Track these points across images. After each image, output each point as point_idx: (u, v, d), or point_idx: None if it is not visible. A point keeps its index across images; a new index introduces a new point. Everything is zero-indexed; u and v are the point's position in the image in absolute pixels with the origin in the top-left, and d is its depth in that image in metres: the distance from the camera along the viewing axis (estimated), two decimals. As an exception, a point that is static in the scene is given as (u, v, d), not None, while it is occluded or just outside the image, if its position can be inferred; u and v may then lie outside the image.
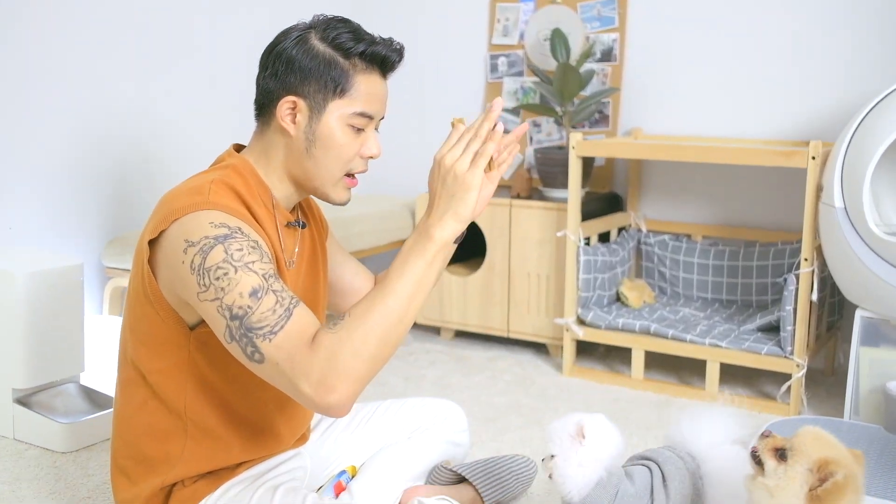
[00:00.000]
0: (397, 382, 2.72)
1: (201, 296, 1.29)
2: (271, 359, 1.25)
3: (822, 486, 1.19)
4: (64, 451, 2.11)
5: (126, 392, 1.49)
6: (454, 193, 1.32)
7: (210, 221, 1.32)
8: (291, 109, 1.45)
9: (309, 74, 1.43)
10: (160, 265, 1.37)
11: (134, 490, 1.48)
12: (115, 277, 2.60)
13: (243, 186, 1.43)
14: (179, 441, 1.45)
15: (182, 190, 1.41)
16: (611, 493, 1.45)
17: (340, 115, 1.44)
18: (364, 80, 1.44)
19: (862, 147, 2.17)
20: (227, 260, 1.28)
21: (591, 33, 3.15)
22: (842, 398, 2.54)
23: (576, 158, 2.71)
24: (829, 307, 2.70)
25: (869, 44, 2.73)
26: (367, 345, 1.26)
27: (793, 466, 1.22)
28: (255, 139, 1.53)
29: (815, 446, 1.24)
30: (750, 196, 2.97)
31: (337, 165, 1.47)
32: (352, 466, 1.78)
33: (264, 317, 1.26)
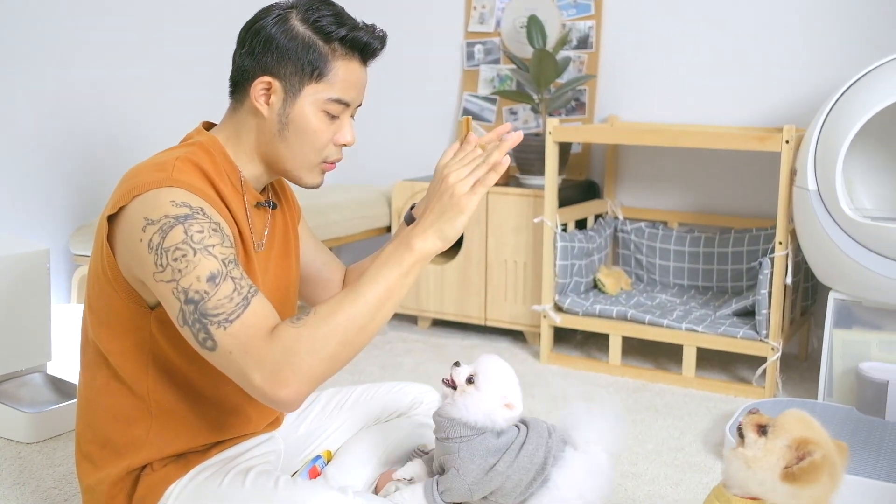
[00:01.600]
0: (373, 370, 2.70)
1: (157, 276, 1.25)
2: (224, 347, 1.22)
3: (798, 464, 1.18)
4: (29, 442, 2.06)
5: (88, 375, 1.46)
6: (445, 212, 1.29)
7: (171, 200, 1.28)
8: (266, 90, 1.41)
9: (286, 55, 1.39)
10: (118, 242, 1.34)
11: (99, 475, 1.44)
12: (84, 265, 2.55)
13: (210, 164, 1.40)
14: (144, 423, 1.42)
15: (146, 166, 1.37)
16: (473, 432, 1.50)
17: (315, 99, 1.41)
18: (343, 65, 1.41)
19: (834, 131, 2.18)
20: (187, 241, 1.25)
21: (568, 20, 3.14)
22: (816, 381, 2.55)
23: (553, 144, 2.70)
24: (803, 292, 2.71)
25: (840, 31, 2.74)
26: (327, 345, 1.22)
27: (772, 440, 1.22)
28: (227, 117, 1.50)
29: (798, 426, 1.24)
30: (725, 183, 2.97)
31: (310, 151, 1.43)
32: (327, 451, 1.76)
33: (220, 304, 1.23)
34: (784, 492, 1.20)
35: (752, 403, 2.22)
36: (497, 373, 1.54)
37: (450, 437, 1.51)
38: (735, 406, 2.40)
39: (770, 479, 1.21)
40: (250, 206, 1.47)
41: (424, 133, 3.46)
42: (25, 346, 2.17)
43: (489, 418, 1.50)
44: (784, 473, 1.20)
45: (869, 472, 1.80)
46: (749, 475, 1.22)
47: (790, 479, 1.20)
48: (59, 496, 1.81)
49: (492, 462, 1.50)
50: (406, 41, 3.41)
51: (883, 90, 2.12)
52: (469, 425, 1.50)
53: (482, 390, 1.51)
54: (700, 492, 1.90)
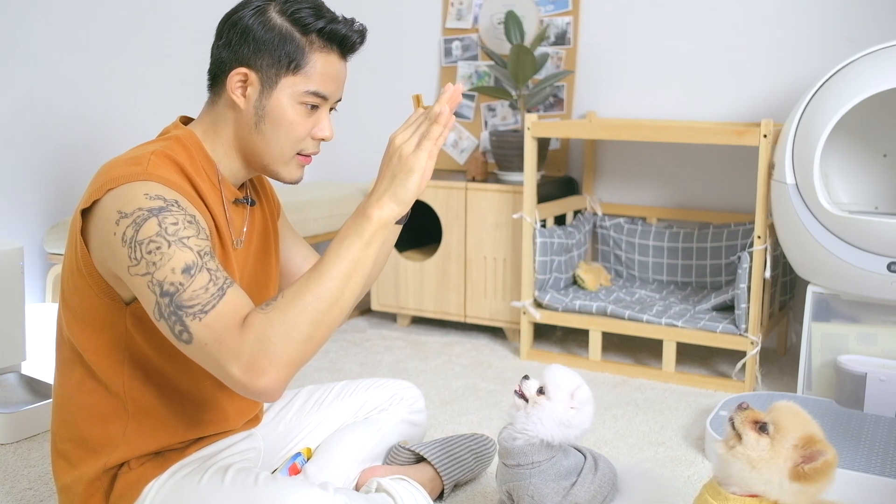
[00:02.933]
0: (353, 368, 2.68)
1: (132, 270, 1.23)
2: (199, 339, 1.19)
3: (810, 464, 1.19)
4: (4, 443, 2.02)
5: (63, 372, 1.43)
6: (396, 174, 1.28)
7: (145, 193, 1.26)
8: (242, 82, 1.40)
9: (263, 47, 1.38)
10: (92, 236, 1.31)
11: (74, 474, 1.42)
12: (58, 264, 2.51)
13: (186, 159, 1.38)
14: (121, 421, 1.40)
15: (120, 160, 1.35)
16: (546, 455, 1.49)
17: (293, 92, 1.39)
18: (321, 58, 1.40)
19: (812, 124, 2.19)
20: (161, 234, 1.22)
21: (545, 16, 3.14)
22: (795, 375, 2.57)
23: (531, 139, 2.70)
24: (782, 286, 2.73)
25: (816, 26, 2.76)
26: (299, 327, 1.20)
27: (779, 441, 1.21)
28: (204, 111, 1.48)
29: (796, 422, 1.23)
30: (703, 179, 2.99)
31: (286, 144, 1.42)
32: (307, 448, 1.74)
33: (196, 295, 1.20)
34: (791, 489, 1.20)
35: (735, 397, 2.23)
36: (563, 378, 1.53)
37: (521, 464, 1.50)
38: (715, 400, 2.41)
39: (777, 479, 1.21)
40: (228, 202, 1.45)
41: (403, 130, 3.44)
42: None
43: (563, 426, 1.49)
44: (794, 473, 1.20)
45: (849, 464, 1.81)
46: (755, 475, 1.22)
47: (801, 479, 1.20)
48: (34, 497, 1.78)
49: (566, 485, 1.50)
50: (383, 38, 3.39)
51: (859, 84, 2.13)
52: (545, 443, 1.49)
53: (553, 399, 1.50)
54: (681, 484, 1.90)
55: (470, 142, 3.32)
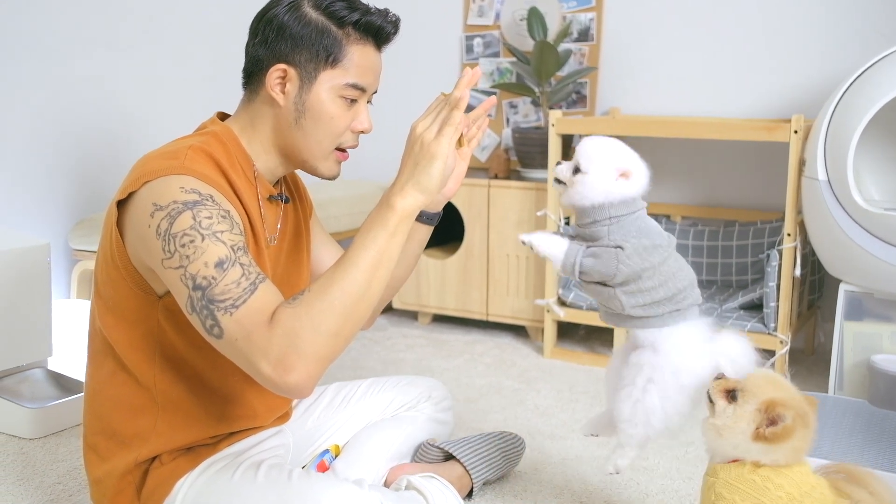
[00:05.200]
0: (375, 365, 2.67)
1: (165, 262, 1.23)
2: (230, 334, 1.18)
3: (770, 428, 1.19)
4: (32, 438, 2.02)
5: (94, 364, 1.43)
6: (418, 162, 1.27)
7: (181, 186, 1.26)
8: (281, 78, 1.39)
9: (300, 42, 1.37)
10: (128, 228, 1.31)
11: (105, 467, 1.41)
12: (84, 260, 2.51)
13: (223, 154, 1.37)
14: (151, 415, 1.39)
15: (157, 153, 1.35)
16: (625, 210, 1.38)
17: (332, 85, 1.39)
18: (357, 50, 1.40)
19: (845, 119, 2.16)
20: (195, 227, 1.22)
21: (568, 13, 3.12)
22: (824, 375, 2.54)
23: (555, 136, 2.67)
24: (810, 285, 2.69)
25: (846, 19, 2.73)
26: (327, 321, 1.17)
27: (742, 406, 1.22)
28: (241, 108, 1.47)
29: (766, 388, 1.23)
30: (729, 176, 2.96)
31: (327, 138, 1.42)
32: (335, 445, 1.73)
33: (228, 289, 1.19)
34: (758, 450, 1.21)
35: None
36: (598, 148, 1.42)
37: (597, 219, 1.38)
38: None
39: (743, 442, 1.22)
40: (263, 199, 1.44)
41: (424, 127, 3.42)
42: (26, 342, 2.12)
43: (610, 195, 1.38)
44: (755, 435, 1.21)
45: (887, 466, 1.78)
46: (723, 442, 1.23)
47: (761, 441, 1.21)
48: (63, 492, 1.77)
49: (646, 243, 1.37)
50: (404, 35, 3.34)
51: (892, 79, 2.10)
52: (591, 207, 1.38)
53: (591, 172, 1.39)
54: (713, 485, 1.88)
55: (492, 139, 3.30)
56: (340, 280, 1.21)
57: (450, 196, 1.51)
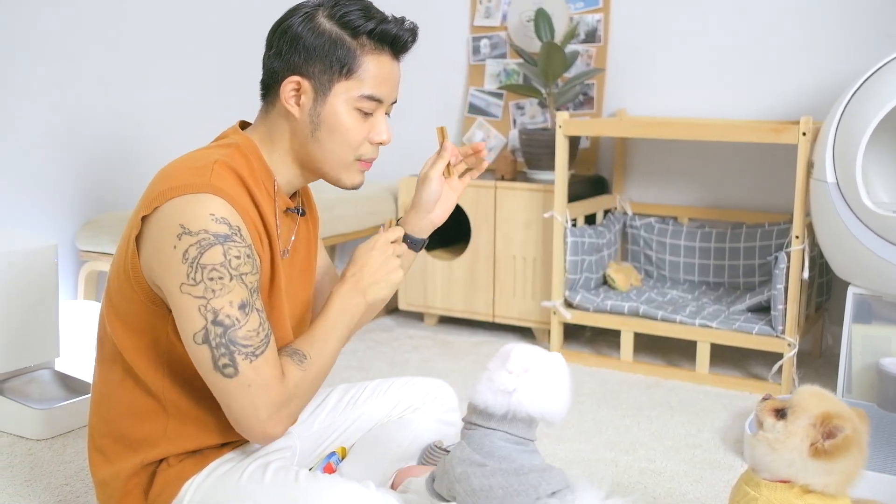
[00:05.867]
0: (381, 367, 2.67)
1: (185, 287, 1.24)
2: (245, 379, 1.25)
3: (830, 441, 1.17)
4: (39, 439, 2.03)
5: (104, 368, 1.42)
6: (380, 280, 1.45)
7: (211, 213, 1.26)
8: (296, 91, 1.38)
9: (314, 53, 1.36)
10: (146, 242, 1.30)
11: (111, 469, 1.41)
12: (91, 261, 2.51)
13: (246, 169, 1.37)
14: (161, 421, 1.39)
15: (183, 166, 1.33)
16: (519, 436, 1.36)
17: (347, 97, 1.38)
18: (373, 60, 1.38)
19: (854, 121, 2.15)
20: (225, 265, 1.25)
21: (575, 14, 3.12)
22: (831, 378, 2.53)
23: (563, 138, 2.67)
24: (818, 288, 2.69)
25: (856, 21, 2.72)
26: (315, 388, 1.36)
27: (793, 422, 1.20)
28: (260, 120, 1.46)
29: (815, 402, 1.22)
30: (736, 177, 2.95)
31: (344, 150, 1.41)
32: (341, 448, 1.73)
33: (250, 336, 1.25)
34: (815, 469, 1.18)
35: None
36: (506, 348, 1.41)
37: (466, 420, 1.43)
38: (751, 403, 2.38)
39: (799, 459, 1.19)
40: (280, 210, 1.44)
41: (430, 129, 3.40)
42: (33, 342, 2.13)
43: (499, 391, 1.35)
44: (813, 450, 1.18)
45: (892, 469, 1.77)
46: (776, 458, 1.21)
47: (821, 456, 1.18)
48: (70, 493, 1.78)
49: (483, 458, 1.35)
50: (412, 35, 3.37)
51: (902, 82, 2.09)
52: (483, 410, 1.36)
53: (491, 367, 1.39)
54: (721, 489, 1.87)
55: (498, 140, 3.29)
56: (327, 352, 1.37)
57: (437, 223, 1.58)
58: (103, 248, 2.46)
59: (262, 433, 1.29)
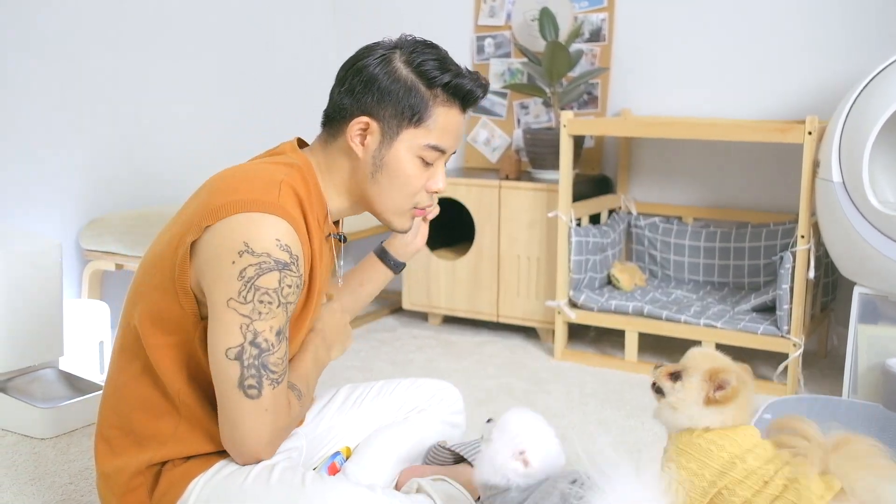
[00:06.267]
0: (384, 367, 2.66)
1: (233, 303, 1.26)
2: (265, 402, 1.29)
3: (720, 392, 1.33)
4: (43, 438, 2.02)
5: (123, 359, 1.41)
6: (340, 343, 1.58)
7: (277, 238, 1.27)
8: (362, 131, 1.39)
9: (387, 97, 1.37)
10: (203, 248, 1.30)
11: (117, 462, 1.40)
12: (95, 260, 2.51)
13: (305, 195, 1.38)
14: (172, 421, 1.38)
15: (246, 179, 1.33)
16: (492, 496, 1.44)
17: (412, 145, 1.39)
18: (443, 112, 1.39)
19: (860, 120, 2.15)
20: (278, 291, 1.28)
21: (580, 13, 3.11)
22: (837, 379, 2.52)
23: (567, 137, 2.66)
24: (823, 287, 2.68)
25: (861, 19, 2.71)
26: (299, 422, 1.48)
27: (688, 381, 1.37)
28: (319, 146, 1.47)
29: (704, 360, 1.39)
30: (741, 177, 2.94)
31: (401, 196, 1.43)
32: (346, 448, 1.73)
33: (278, 362, 1.29)
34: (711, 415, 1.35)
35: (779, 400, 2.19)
36: (514, 424, 1.46)
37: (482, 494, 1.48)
38: (756, 403, 2.37)
39: (697, 411, 1.36)
40: (323, 236, 1.46)
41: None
42: (37, 341, 2.12)
43: (500, 474, 1.42)
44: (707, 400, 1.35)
45: (900, 469, 1.76)
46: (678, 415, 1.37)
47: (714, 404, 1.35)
48: (74, 491, 1.78)
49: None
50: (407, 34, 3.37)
51: (909, 81, 2.08)
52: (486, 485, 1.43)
53: (494, 442, 1.44)
54: (726, 488, 1.86)
55: (503, 140, 3.29)
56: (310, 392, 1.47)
57: (419, 248, 1.72)
58: (107, 248, 2.46)
59: (256, 455, 1.33)
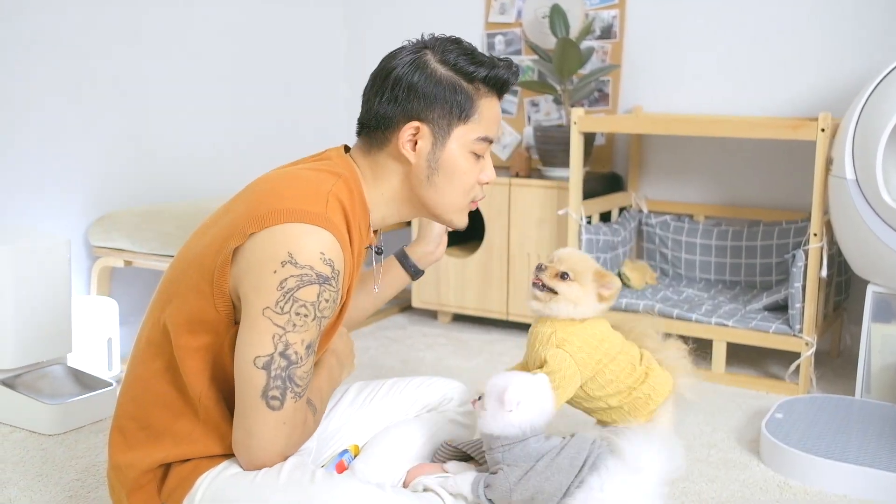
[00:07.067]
0: (394, 364, 2.66)
1: (268, 312, 1.25)
2: (285, 415, 1.28)
3: (609, 291, 1.76)
4: (51, 434, 2.03)
5: (147, 354, 1.40)
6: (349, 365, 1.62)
7: (322, 251, 1.27)
8: (413, 135, 1.40)
9: (433, 100, 1.38)
10: (245, 254, 1.28)
11: (129, 456, 1.39)
12: (103, 257, 2.51)
13: (350, 207, 1.38)
14: (189, 422, 1.37)
15: (293, 186, 1.33)
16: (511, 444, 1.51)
17: (464, 141, 1.41)
18: (486, 103, 1.42)
19: (874, 117, 2.12)
20: (315, 304, 1.27)
21: (591, 10, 3.09)
22: (849, 378, 2.50)
23: (577, 134, 2.65)
24: (836, 286, 2.65)
25: (875, 15, 2.68)
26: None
27: (583, 281, 1.74)
28: (361, 155, 1.46)
29: (584, 262, 1.77)
30: (753, 175, 2.91)
31: (460, 193, 1.45)
32: (354, 445, 1.71)
33: (304, 376, 1.29)
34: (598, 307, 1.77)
35: (791, 399, 2.17)
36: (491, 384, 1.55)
37: (492, 447, 1.53)
38: (767, 402, 2.35)
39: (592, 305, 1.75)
40: (363, 248, 1.46)
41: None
42: (46, 338, 2.13)
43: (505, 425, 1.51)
44: (599, 298, 1.76)
45: (914, 469, 1.74)
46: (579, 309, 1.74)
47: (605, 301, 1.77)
48: (82, 488, 1.78)
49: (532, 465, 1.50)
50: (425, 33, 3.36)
51: (924, 77, 2.06)
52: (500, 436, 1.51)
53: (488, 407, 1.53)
54: (737, 488, 1.85)
55: (513, 137, 3.27)
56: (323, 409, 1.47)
57: (438, 259, 1.78)
58: (116, 245, 2.46)
59: (264, 464, 1.32)
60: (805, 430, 1.97)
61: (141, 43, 2.70)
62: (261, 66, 3.15)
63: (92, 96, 2.57)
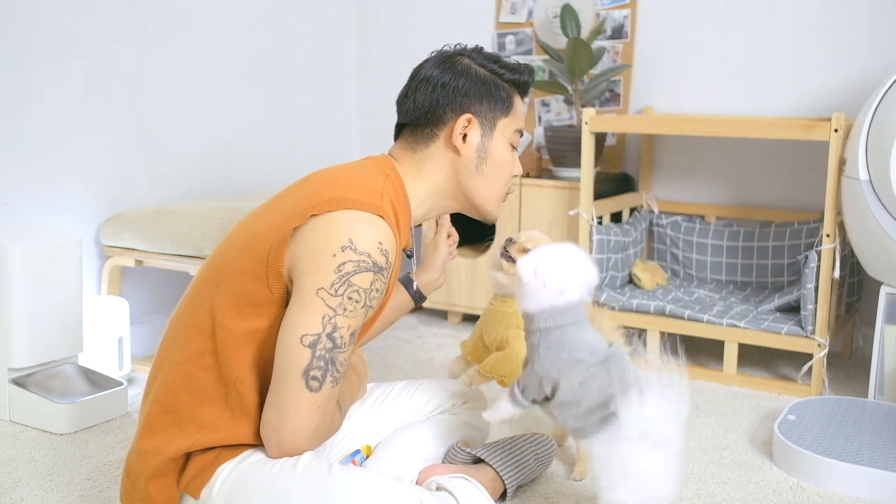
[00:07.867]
0: (404, 365, 2.65)
1: (322, 293, 1.29)
2: (321, 399, 1.30)
3: None
4: (62, 433, 2.03)
5: (185, 337, 1.41)
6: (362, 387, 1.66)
7: (380, 241, 1.33)
8: (464, 127, 1.49)
9: (481, 94, 1.50)
10: (303, 235, 1.33)
11: (155, 442, 1.39)
12: (114, 256, 2.52)
13: (396, 206, 1.44)
14: (217, 409, 1.38)
15: (352, 178, 1.40)
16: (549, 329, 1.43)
17: (506, 133, 1.53)
18: (517, 100, 1.56)
19: (888, 117, 2.11)
20: (367, 292, 1.32)
21: (602, 10, 3.08)
22: (861, 380, 2.48)
23: (589, 134, 2.64)
24: (849, 287, 2.63)
25: (888, 15, 2.66)
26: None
27: None
28: (405, 154, 1.53)
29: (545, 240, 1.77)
30: (765, 175, 2.90)
31: (501, 182, 1.55)
32: (366, 446, 1.72)
33: (344, 363, 1.32)
34: None
35: (804, 401, 2.16)
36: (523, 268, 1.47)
37: (530, 330, 1.47)
38: (779, 404, 2.34)
39: None
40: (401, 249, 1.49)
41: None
42: (57, 337, 2.13)
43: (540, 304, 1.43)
44: None
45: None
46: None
47: None
48: (93, 487, 1.78)
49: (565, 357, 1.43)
50: (436, 32, 3.36)
51: (939, 77, 2.04)
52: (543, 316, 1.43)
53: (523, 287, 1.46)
54: (750, 490, 1.84)
55: (524, 137, 3.26)
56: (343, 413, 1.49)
57: (440, 286, 1.82)
58: (127, 244, 2.47)
59: (293, 449, 1.34)
60: (818, 432, 1.96)
61: (152, 41, 2.70)
62: (272, 64, 3.15)
63: (103, 96, 2.57)
